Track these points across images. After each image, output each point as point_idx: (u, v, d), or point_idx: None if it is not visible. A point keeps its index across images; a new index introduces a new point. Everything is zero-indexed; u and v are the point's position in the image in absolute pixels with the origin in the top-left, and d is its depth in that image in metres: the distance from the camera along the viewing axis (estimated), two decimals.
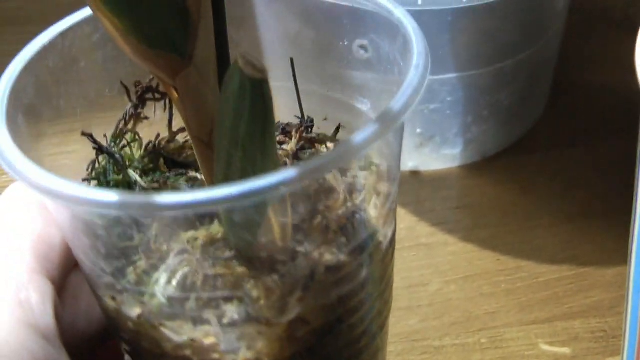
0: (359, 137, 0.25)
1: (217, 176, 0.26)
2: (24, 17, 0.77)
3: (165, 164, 0.36)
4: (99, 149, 0.36)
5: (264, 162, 0.24)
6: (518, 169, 0.57)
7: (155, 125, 0.37)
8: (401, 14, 0.32)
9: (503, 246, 0.52)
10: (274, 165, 0.25)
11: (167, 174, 0.34)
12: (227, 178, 0.24)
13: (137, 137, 0.37)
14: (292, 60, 0.36)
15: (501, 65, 0.54)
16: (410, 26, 0.31)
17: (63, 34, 0.38)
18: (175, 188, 0.33)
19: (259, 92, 0.22)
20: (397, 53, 0.32)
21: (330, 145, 0.35)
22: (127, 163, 0.36)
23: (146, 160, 0.36)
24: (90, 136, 0.37)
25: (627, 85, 0.62)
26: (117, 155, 0.35)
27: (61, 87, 0.38)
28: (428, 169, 0.58)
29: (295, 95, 0.36)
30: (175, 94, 0.28)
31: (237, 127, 0.23)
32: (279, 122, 0.37)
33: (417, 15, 0.48)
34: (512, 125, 0.58)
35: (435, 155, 0.57)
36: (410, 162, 0.57)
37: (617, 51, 0.66)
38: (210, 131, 0.28)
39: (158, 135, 0.38)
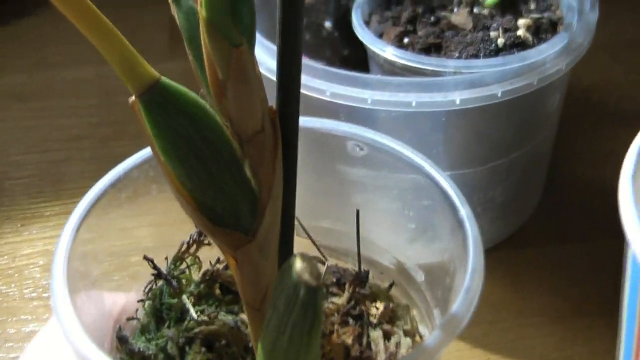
0: (429, 345, 0.26)
1: (262, 349, 0.26)
2: (28, 93, 0.78)
3: (221, 290, 0.38)
4: (158, 274, 0.38)
5: (306, 356, 0.25)
6: (510, 264, 0.58)
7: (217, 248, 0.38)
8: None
9: (494, 344, 0.52)
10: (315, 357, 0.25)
11: (218, 309, 0.36)
12: (270, 356, 0.25)
13: (197, 260, 0.39)
14: (357, 212, 0.38)
15: (495, 164, 0.54)
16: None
17: None
18: (225, 325, 0.35)
19: (311, 300, 0.23)
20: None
21: (380, 305, 0.36)
22: (184, 285, 0.37)
23: (202, 286, 0.38)
24: (151, 261, 0.38)
25: (618, 181, 0.63)
26: (174, 282, 0.37)
27: None
28: (420, 263, 0.58)
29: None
30: (233, 262, 0.29)
31: (287, 321, 0.24)
32: (335, 266, 0.38)
33: (411, 116, 0.50)
34: (505, 220, 0.59)
35: (427, 249, 0.57)
36: (401, 256, 0.57)
37: (610, 145, 0.67)
38: (263, 299, 0.29)
39: (218, 259, 0.39)
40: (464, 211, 0.38)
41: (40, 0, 0.90)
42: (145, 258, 0.39)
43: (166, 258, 0.40)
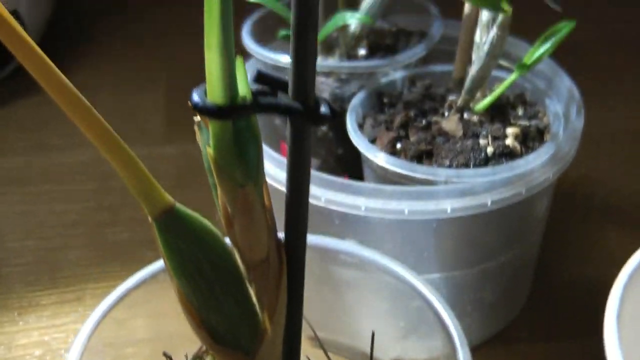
0: None
1: None
2: (25, 177, 0.79)
3: None
4: None
5: None
6: None
7: None
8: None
9: None
10: None
11: None
12: None
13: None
14: (373, 334, 0.43)
15: (484, 266, 0.56)
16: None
17: None
18: None
19: None
20: None
21: None
22: None
23: None
24: (169, 357, 0.40)
25: (606, 278, 0.64)
26: None
27: None
28: (412, 358, 0.59)
29: None
30: None
31: None
32: None
33: (403, 223, 0.51)
34: (494, 318, 0.60)
35: (418, 346, 0.58)
36: (392, 352, 0.58)
37: (598, 242, 0.69)
38: None
39: None
40: (447, 315, 0.41)
41: (37, 83, 0.92)
42: (165, 354, 0.41)
43: (186, 355, 0.42)
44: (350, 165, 0.61)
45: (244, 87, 0.27)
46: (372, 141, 0.56)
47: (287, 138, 0.28)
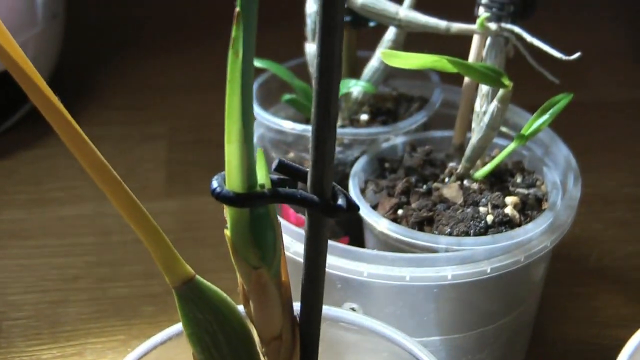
0: None
1: None
2: (26, 230, 0.80)
3: None
4: None
5: None
6: None
7: None
8: None
9: None
10: None
11: None
12: None
13: None
14: None
15: (483, 330, 0.57)
16: None
17: None
18: None
19: None
20: None
21: None
22: None
23: None
24: None
25: (601, 340, 0.65)
26: None
27: None
28: None
29: None
30: None
31: None
32: None
33: (404, 288, 0.52)
34: None
35: None
36: None
37: (593, 303, 0.70)
38: None
39: None
40: None
41: (39, 134, 0.93)
42: None
43: None
44: (351, 228, 0.63)
45: (264, 176, 0.28)
46: (374, 207, 0.57)
47: (305, 223, 0.30)
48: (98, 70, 1.10)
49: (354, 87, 0.61)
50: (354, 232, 0.61)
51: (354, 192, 0.57)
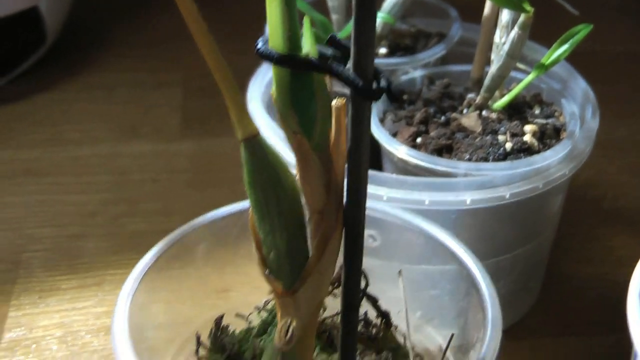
0: None
1: None
2: (43, 169, 0.80)
3: None
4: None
5: None
6: (509, 355, 0.60)
7: None
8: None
9: None
10: None
11: None
12: None
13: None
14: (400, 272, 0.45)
15: (498, 259, 0.57)
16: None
17: None
18: None
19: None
20: None
21: None
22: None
23: None
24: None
25: (615, 277, 0.66)
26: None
27: None
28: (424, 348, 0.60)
29: None
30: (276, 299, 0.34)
31: None
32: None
33: (423, 213, 0.53)
34: (505, 312, 0.61)
35: (432, 336, 0.60)
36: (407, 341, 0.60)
37: (607, 242, 0.70)
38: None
39: None
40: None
41: (54, 78, 0.94)
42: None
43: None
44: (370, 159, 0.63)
45: (310, 45, 0.29)
46: (393, 135, 0.57)
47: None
48: (113, 17, 1.10)
49: None
50: (372, 164, 0.61)
51: (373, 121, 0.57)
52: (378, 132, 0.56)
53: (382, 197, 0.52)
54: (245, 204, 0.47)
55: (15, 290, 0.66)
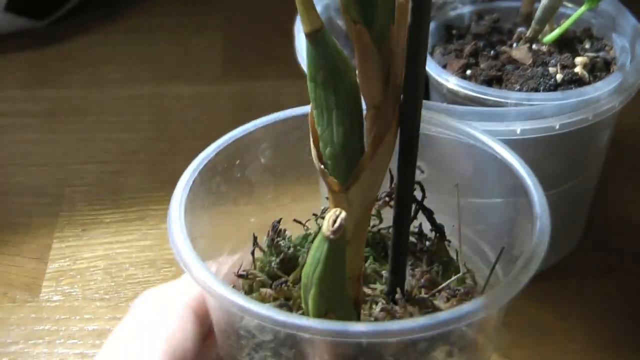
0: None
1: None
2: (84, 108, 0.81)
3: None
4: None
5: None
6: (555, 293, 0.60)
7: None
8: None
9: None
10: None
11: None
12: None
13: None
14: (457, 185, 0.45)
15: (546, 194, 0.57)
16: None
17: None
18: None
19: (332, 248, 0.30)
20: None
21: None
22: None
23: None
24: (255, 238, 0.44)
25: None
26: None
27: None
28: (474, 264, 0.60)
29: None
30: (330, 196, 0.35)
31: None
32: None
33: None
34: (550, 251, 0.61)
35: (482, 250, 0.60)
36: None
37: None
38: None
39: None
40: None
41: (95, 19, 0.94)
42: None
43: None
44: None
45: None
46: (442, 67, 0.57)
47: None
48: None
49: None
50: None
51: None
52: (428, 63, 0.56)
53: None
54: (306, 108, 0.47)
55: (58, 223, 0.67)
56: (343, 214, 0.29)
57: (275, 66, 0.84)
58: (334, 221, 0.29)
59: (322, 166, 0.33)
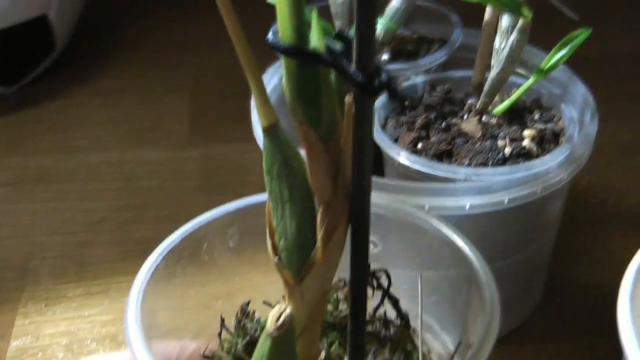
0: None
1: None
2: (53, 175, 0.81)
3: None
4: None
5: None
6: (514, 358, 0.60)
7: None
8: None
9: None
10: None
11: None
12: None
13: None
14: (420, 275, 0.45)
15: (499, 264, 0.57)
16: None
17: None
18: None
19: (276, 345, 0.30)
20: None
21: None
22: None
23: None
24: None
25: (617, 281, 0.66)
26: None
27: None
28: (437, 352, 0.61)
29: None
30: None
31: None
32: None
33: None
34: (506, 318, 0.61)
35: (431, 341, 0.60)
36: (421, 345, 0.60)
37: (609, 246, 0.70)
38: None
39: None
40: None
41: (65, 83, 0.95)
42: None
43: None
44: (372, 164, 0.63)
45: (318, 40, 0.29)
46: (394, 141, 0.58)
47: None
48: (122, 23, 1.10)
49: (377, 25, 0.62)
50: (374, 168, 0.62)
51: (374, 128, 0.58)
52: (380, 137, 0.57)
53: (382, 202, 0.52)
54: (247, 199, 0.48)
55: (23, 297, 0.67)
56: (288, 310, 0.30)
57: (242, 127, 0.85)
58: (278, 318, 0.30)
59: (276, 258, 0.34)
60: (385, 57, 0.65)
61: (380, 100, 0.61)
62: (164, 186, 0.80)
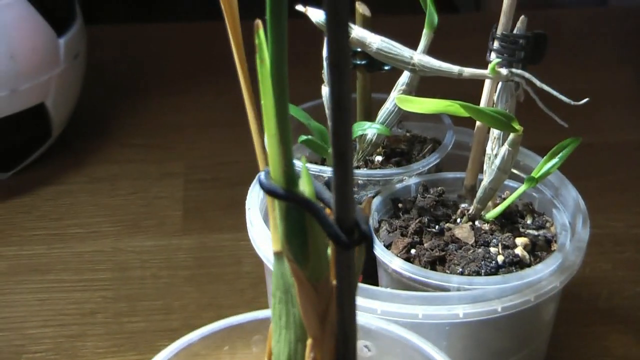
0: None
1: None
2: (46, 265, 0.81)
3: None
4: None
5: None
6: None
7: None
8: None
9: None
10: None
11: None
12: None
13: None
14: None
15: None
16: None
17: None
18: None
19: None
20: None
21: None
22: None
23: None
24: None
25: None
26: None
27: None
28: None
29: None
30: None
31: None
32: None
33: (417, 326, 0.54)
34: None
35: None
36: None
37: (602, 343, 0.71)
38: None
39: None
40: None
41: (58, 170, 0.95)
42: None
43: None
44: (365, 266, 0.64)
45: (307, 185, 0.30)
46: (388, 246, 0.58)
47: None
48: (115, 109, 1.11)
49: (369, 130, 0.63)
50: (368, 271, 0.62)
51: None
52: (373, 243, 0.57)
53: (376, 310, 0.53)
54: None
55: None
56: None
57: (236, 215, 0.85)
58: None
59: None
60: (378, 158, 0.66)
61: (374, 204, 0.62)
62: (157, 275, 0.80)
